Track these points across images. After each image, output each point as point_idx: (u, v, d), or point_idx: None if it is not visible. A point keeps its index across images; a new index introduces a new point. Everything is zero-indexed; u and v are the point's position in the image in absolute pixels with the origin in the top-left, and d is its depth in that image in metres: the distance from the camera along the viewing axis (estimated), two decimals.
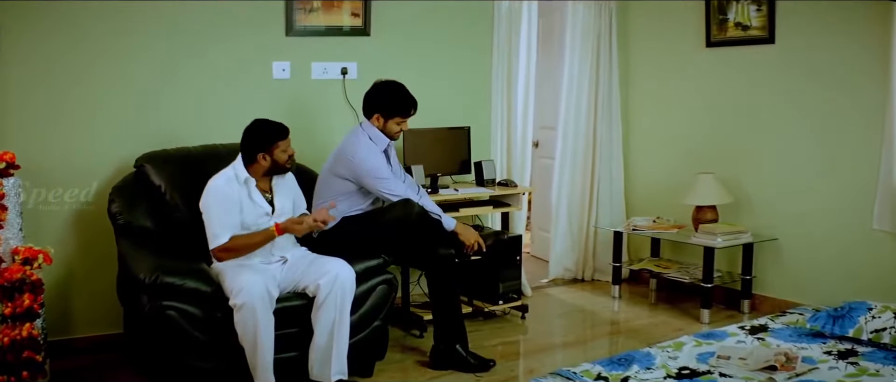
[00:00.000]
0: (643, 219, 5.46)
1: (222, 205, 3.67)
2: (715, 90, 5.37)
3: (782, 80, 4.98)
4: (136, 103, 4.36)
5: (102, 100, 4.29)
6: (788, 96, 4.97)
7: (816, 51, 4.81)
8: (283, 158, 3.77)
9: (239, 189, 3.72)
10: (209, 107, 4.53)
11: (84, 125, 4.26)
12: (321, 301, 3.66)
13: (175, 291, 3.52)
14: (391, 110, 4.16)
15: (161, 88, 4.42)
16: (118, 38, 4.29)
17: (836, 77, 4.75)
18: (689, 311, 5.13)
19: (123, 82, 4.33)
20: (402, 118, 4.19)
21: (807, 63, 4.86)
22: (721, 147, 5.32)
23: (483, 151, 5.28)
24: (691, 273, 5.17)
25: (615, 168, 5.77)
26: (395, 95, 4.17)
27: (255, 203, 3.74)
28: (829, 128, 4.80)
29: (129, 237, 3.96)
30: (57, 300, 4.16)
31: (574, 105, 5.67)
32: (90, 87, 4.26)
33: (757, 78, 5.12)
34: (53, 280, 4.06)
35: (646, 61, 5.80)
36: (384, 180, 4.10)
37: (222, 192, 3.69)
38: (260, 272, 3.64)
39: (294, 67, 4.74)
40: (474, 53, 5.29)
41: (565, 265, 5.87)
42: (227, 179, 3.72)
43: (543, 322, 5.02)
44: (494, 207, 4.97)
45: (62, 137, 4.23)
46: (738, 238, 4.95)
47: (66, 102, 4.23)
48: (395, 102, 4.16)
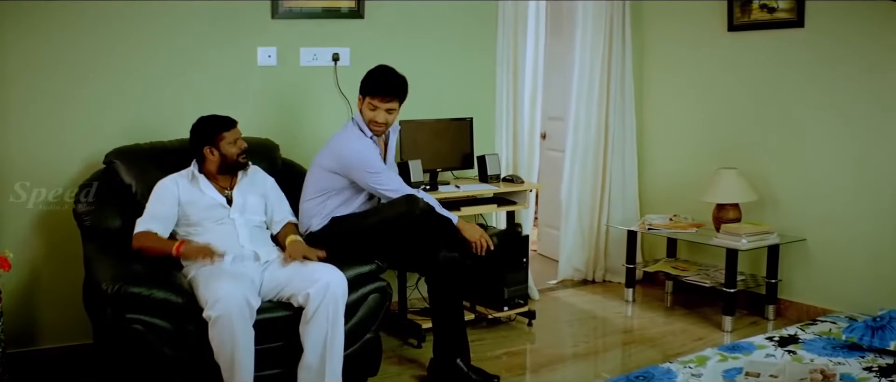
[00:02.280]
0: (659, 217, 5.17)
1: (158, 197, 3.56)
2: (737, 78, 5.07)
3: (812, 66, 4.68)
4: (106, 95, 4.10)
5: (70, 91, 4.02)
6: (818, 85, 4.66)
7: (850, 35, 4.50)
8: (232, 150, 3.60)
9: (187, 186, 3.59)
10: (186, 98, 4.24)
11: (50, 119, 4.00)
12: (311, 314, 3.37)
13: (141, 302, 3.23)
14: (364, 89, 3.85)
15: (133, 77, 4.14)
16: (85, 25, 4.01)
17: (872, 63, 4.43)
18: (708, 317, 4.81)
19: (92, 72, 4.06)
20: (376, 101, 3.81)
21: (839, 48, 4.55)
22: (744, 140, 5.04)
23: (487, 144, 5.01)
24: (712, 276, 4.84)
25: (628, 162, 5.50)
26: (374, 71, 3.87)
27: (205, 195, 3.60)
28: (862, 119, 4.49)
29: (95, 241, 3.66)
30: (19, 308, 3.93)
31: (585, 94, 5.41)
32: (56, 77, 3.99)
33: (784, 65, 4.81)
34: (15, 286, 3.87)
35: (662, 46, 5.51)
36: (376, 173, 3.78)
37: (163, 186, 3.59)
38: (238, 279, 3.33)
39: (281, 52, 4.46)
40: (478, 38, 5.01)
41: (575, 265, 5.60)
42: (174, 179, 3.62)
43: (552, 330, 4.70)
44: (499, 205, 4.65)
45: (26, 132, 3.95)
46: (764, 239, 4.64)
47: (31, 95, 3.95)
48: (367, 79, 3.85)
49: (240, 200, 3.64)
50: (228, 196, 3.63)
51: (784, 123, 4.82)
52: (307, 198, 3.85)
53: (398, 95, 3.84)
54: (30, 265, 3.95)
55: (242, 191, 3.66)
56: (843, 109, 4.56)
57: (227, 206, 3.60)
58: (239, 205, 3.63)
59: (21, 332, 3.92)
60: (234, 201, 3.62)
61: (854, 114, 4.51)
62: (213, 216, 3.59)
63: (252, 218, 3.67)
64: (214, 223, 3.59)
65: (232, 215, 3.59)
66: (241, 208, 3.63)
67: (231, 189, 3.65)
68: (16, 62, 3.88)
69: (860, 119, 4.49)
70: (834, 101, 4.60)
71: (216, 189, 3.62)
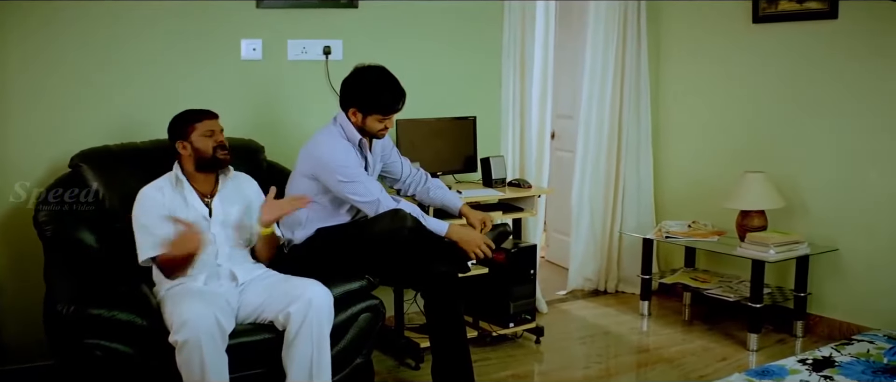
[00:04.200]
0: (676, 223, 4.84)
1: (147, 213, 3.21)
2: (763, 74, 4.76)
3: (846, 61, 4.38)
4: (74, 93, 3.78)
5: (35, 89, 3.72)
6: (853, 81, 4.36)
7: (889, 27, 4.19)
8: (206, 144, 3.28)
9: (172, 195, 3.26)
10: (161, 95, 3.91)
11: (14, 119, 3.70)
12: (293, 336, 3.05)
13: (102, 325, 2.93)
14: (369, 106, 3.48)
15: (103, 73, 3.82)
16: (52, 16, 3.70)
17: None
18: (731, 333, 4.48)
19: (59, 67, 3.74)
20: (383, 116, 3.50)
21: (876, 41, 4.26)
22: (769, 141, 4.72)
23: (492, 145, 4.70)
24: (735, 289, 4.50)
25: (643, 163, 5.19)
26: (374, 87, 3.48)
27: (188, 206, 3.26)
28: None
29: (57, 253, 3.32)
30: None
31: (597, 91, 5.10)
32: (20, 74, 3.68)
33: (815, 59, 4.51)
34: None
35: (680, 39, 5.21)
36: (350, 182, 3.42)
37: (150, 201, 3.23)
38: (208, 299, 3.00)
39: (267, 45, 4.15)
40: (482, 29, 4.71)
41: (586, 274, 5.27)
42: (157, 186, 3.29)
43: (562, 348, 4.35)
44: (504, 212, 4.30)
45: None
46: (794, 250, 4.30)
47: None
48: (372, 96, 3.47)
49: (220, 211, 3.30)
50: (208, 205, 3.30)
51: (814, 123, 4.52)
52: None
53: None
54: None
55: (224, 200, 3.33)
56: (879, 108, 4.26)
57: (208, 218, 3.27)
58: (220, 217, 3.29)
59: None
60: (214, 213, 3.29)
61: (892, 113, 4.22)
62: None
63: (233, 233, 3.33)
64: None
65: (213, 230, 3.26)
66: (222, 221, 3.30)
67: (212, 197, 3.32)
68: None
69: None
70: (869, 99, 4.30)
71: (198, 196, 3.29)
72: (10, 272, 3.70)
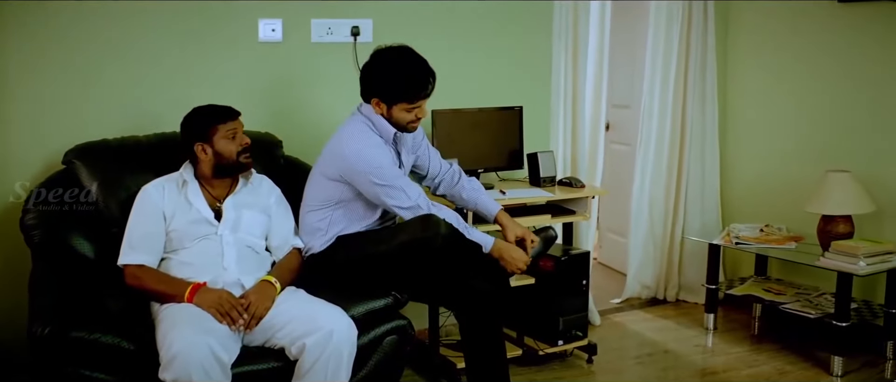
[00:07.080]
0: (747, 227, 4.36)
1: (140, 212, 2.94)
2: (849, 61, 4.26)
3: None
4: (81, 80, 3.49)
5: (30, 80, 3.43)
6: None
7: None
8: (230, 148, 2.98)
9: (174, 195, 2.98)
10: (170, 83, 3.60)
11: (14, 115, 3.42)
12: (306, 369, 2.68)
13: (83, 349, 2.56)
14: (392, 94, 3.02)
15: (105, 59, 3.50)
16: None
17: None
18: (809, 354, 3.99)
19: (66, 55, 3.44)
20: (410, 104, 3.04)
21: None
22: (855, 137, 4.23)
23: (540, 139, 4.30)
24: (815, 303, 3.99)
25: (709, 159, 4.74)
26: (394, 69, 3.03)
27: (191, 206, 2.95)
28: None
29: (44, 261, 2.98)
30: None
31: (659, 78, 4.66)
32: (14, 63, 3.38)
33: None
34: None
35: (752, 21, 4.72)
36: (387, 185, 2.98)
37: (146, 197, 2.97)
38: (205, 325, 2.61)
39: (287, 26, 3.81)
40: (530, 8, 4.29)
41: (643, 281, 4.82)
42: (160, 185, 3.00)
43: (617, 369, 3.89)
44: (553, 215, 3.84)
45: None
46: (887, 261, 3.79)
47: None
48: (394, 80, 3.02)
49: (232, 214, 2.96)
50: (218, 209, 2.97)
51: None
52: (308, 209, 3.11)
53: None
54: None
55: (238, 203, 3.00)
56: None
57: (215, 222, 2.93)
58: (230, 221, 2.94)
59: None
60: (225, 216, 2.95)
61: None
62: (196, 233, 2.91)
63: (245, 238, 2.96)
64: (195, 241, 2.90)
65: (220, 232, 2.91)
66: (232, 225, 2.94)
67: (221, 200, 2.99)
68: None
69: None
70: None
71: (206, 199, 2.96)
72: (9, 272, 3.40)
